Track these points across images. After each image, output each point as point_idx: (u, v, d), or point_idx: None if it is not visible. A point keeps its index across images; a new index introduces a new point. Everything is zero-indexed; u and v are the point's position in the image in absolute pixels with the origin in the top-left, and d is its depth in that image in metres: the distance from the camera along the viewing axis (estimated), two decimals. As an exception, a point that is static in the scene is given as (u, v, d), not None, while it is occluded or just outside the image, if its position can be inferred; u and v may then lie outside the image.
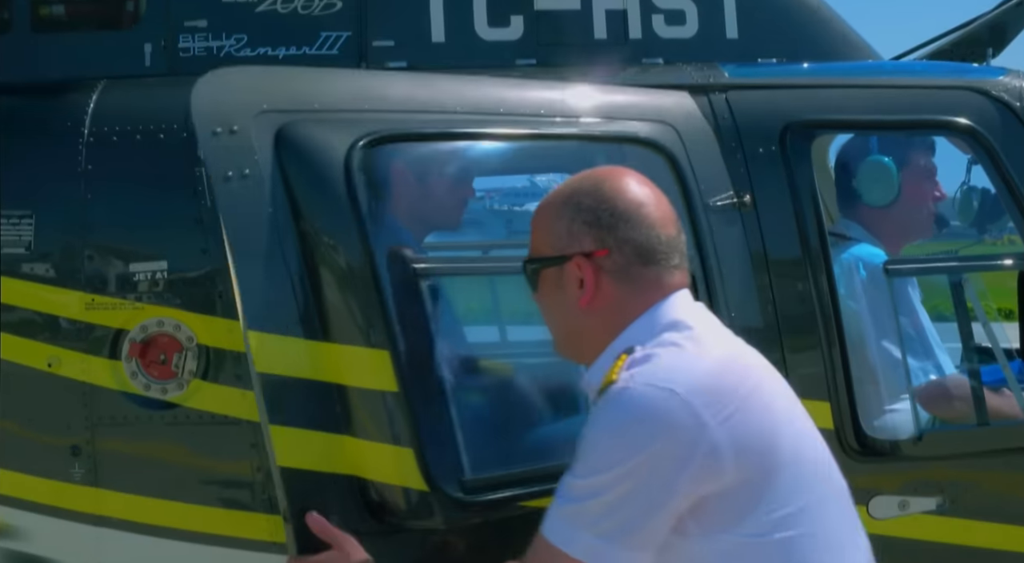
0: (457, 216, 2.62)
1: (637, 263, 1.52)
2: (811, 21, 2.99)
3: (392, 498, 2.14)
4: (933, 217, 2.91)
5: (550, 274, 1.56)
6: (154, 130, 2.55)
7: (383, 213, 2.33)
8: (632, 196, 1.54)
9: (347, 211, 2.14)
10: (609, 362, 1.50)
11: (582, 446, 1.48)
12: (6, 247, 2.51)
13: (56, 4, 2.91)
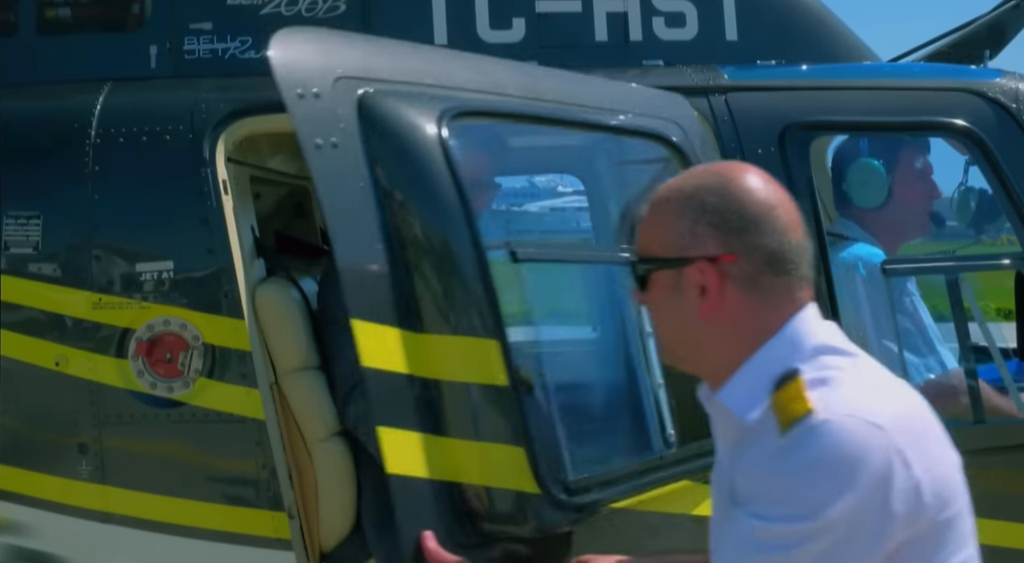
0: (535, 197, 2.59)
1: (767, 272, 1.36)
2: (810, 23, 3.01)
3: (496, 503, 1.94)
4: (927, 217, 2.92)
5: (665, 276, 1.40)
6: (160, 131, 2.58)
7: (479, 193, 2.21)
8: (762, 197, 1.38)
9: (451, 191, 1.96)
10: (763, 384, 1.33)
11: (776, 485, 1.28)
12: (14, 247, 2.54)
13: (62, 6, 2.94)
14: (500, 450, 1.92)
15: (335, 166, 1.91)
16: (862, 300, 2.68)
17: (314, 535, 2.57)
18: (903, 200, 2.85)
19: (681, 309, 1.39)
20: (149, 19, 2.85)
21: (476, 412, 1.93)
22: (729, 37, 2.92)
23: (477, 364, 1.92)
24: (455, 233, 1.96)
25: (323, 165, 1.89)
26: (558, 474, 2.01)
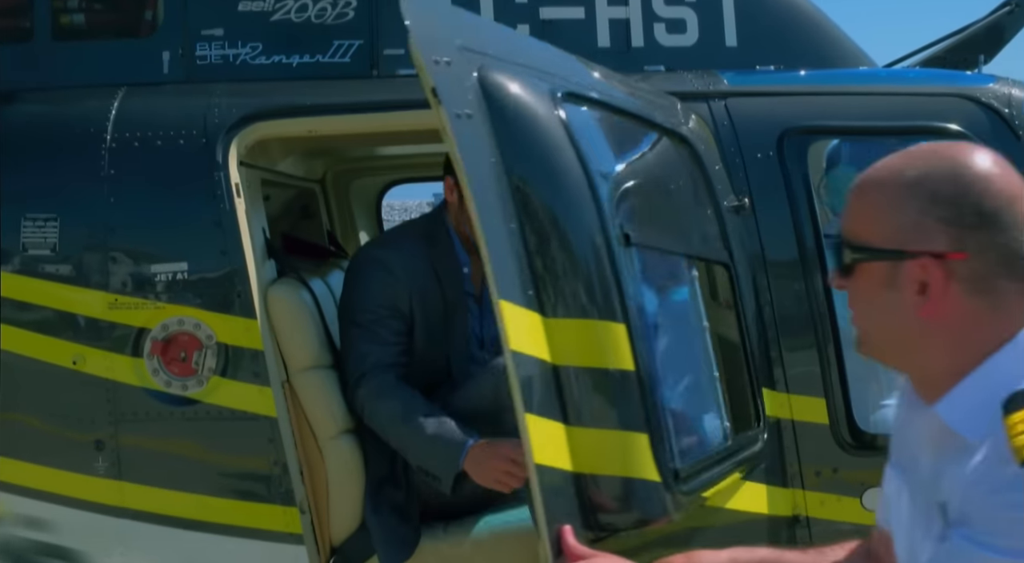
0: None
1: (1002, 274, 1.20)
2: (808, 29, 3.07)
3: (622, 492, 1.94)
4: None
5: (877, 268, 1.24)
6: (174, 136, 2.64)
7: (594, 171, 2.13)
8: (1002, 187, 1.21)
9: (577, 168, 1.97)
10: (990, 403, 1.19)
11: (1009, 516, 1.15)
12: (32, 249, 2.60)
13: (76, 13, 2.99)
14: (628, 437, 1.93)
15: (472, 140, 1.86)
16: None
17: (324, 529, 2.63)
18: None
19: (895, 305, 1.24)
20: (161, 25, 2.90)
21: (611, 398, 1.93)
22: (729, 43, 2.97)
23: (611, 349, 1.92)
24: (583, 215, 1.95)
25: (463, 138, 1.82)
26: (669, 461, 2.01)
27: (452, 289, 2.71)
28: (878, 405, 2.67)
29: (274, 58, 2.85)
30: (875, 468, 2.52)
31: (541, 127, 1.99)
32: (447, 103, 1.79)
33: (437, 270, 2.70)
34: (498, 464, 2.43)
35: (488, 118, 1.90)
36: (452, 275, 2.72)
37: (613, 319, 1.96)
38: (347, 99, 2.75)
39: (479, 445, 2.46)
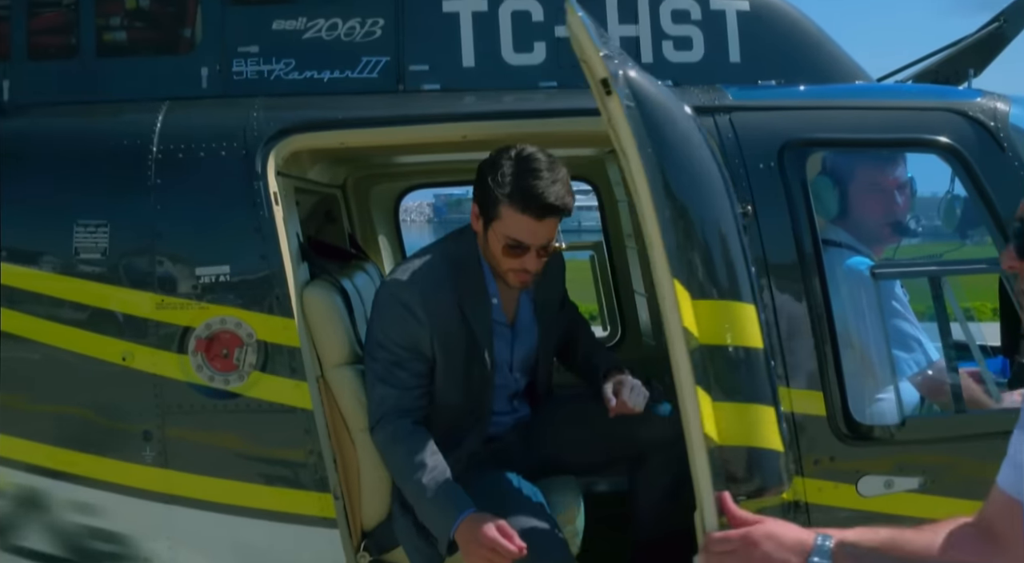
0: None
1: None
2: (807, 45, 3.23)
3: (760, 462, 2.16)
4: (889, 226, 3.12)
5: None
6: (216, 148, 2.82)
7: None
8: None
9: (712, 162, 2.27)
10: None
11: None
12: (84, 253, 2.78)
13: (118, 30, 3.16)
14: (759, 410, 2.16)
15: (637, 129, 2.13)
16: (851, 301, 2.91)
17: (356, 515, 2.81)
18: (862, 211, 3.07)
19: None
20: (200, 43, 3.07)
21: (744, 373, 2.16)
22: (733, 59, 3.14)
23: (744, 327, 2.16)
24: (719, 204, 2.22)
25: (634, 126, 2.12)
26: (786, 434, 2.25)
27: (479, 323, 2.73)
28: (872, 398, 2.84)
29: (306, 74, 3.03)
30: (869, 457, 2.75)
31: (682, 123, 2.26)
32: (620, 93, 2.08)
33: (463, 306, 2.70)
34: (480, 550, 2.44)
35: (640, 113, 2.15)
36: (480, 308, 2.73)
37: (745, 300, 2.20)
38: (376, 113, 2.94)
39: (467, 522, 2.49)
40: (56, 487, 2.81)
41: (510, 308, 2.85)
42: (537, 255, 2.68)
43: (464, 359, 2.73)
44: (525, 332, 2.89)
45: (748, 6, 3.18)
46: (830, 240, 2.99)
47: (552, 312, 2.96)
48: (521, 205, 2.59)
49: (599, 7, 3.11)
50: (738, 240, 2.24)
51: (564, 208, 2.63)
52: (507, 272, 2.72)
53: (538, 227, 2.62)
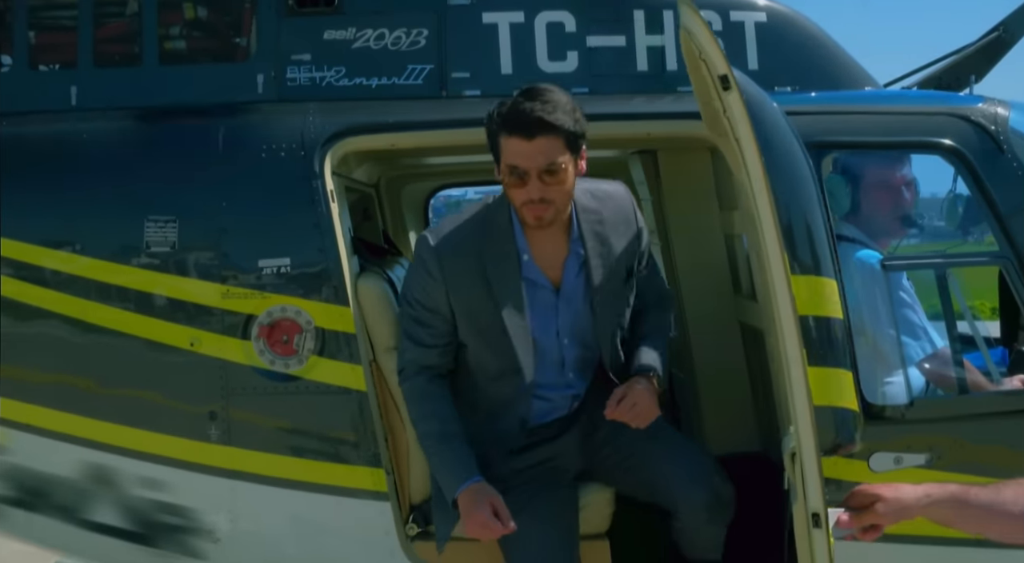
0: None
1: None
2: (819, 54, 3.45)
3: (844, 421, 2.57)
4: (898, 221, 3.35)
5: None
6: (276, 149, 3.04)
7: None
8: None
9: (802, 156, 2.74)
10: None
11: None
12: (154, 246, 3.00)
13: (178, 39, 3.38)
14: (840, 374, 2.59)
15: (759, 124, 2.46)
16: (863, 292, 3.14)
17: (405, 489, 3.03)
18: (872, 207, 3.30)
19: None
20: (256, 51, 3.29)
21: (830, 340, 2.58)
22: (751, 67, 3.34)
23: (829, 299, 2.58)
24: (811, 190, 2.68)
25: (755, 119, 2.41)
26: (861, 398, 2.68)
27: (503, 281, 2.68)
28: (883, 381, 3.07)
29: (356, 80, 3.24)
30: (880, 435, 2.97)
31: (779, 117, 2.69)
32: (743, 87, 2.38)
33: (485, 263, 2.68)
34: (473, 523, 2.60)
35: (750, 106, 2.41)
36: (504, 265, 2.69)
37: (828, 275, 2.62)
38: (422, 117, 3.16)
39: (469, 491, 2.61)
40: (126, 464, 3.03)
41: (554, 270, 2.76)
42: (541, 181, 2.57)
43: (491, 319, 2.69)
44: (573, 297, 2.77)
45: (765, 18, 3.40)
46: (842, 235, 3.21)
47: (615, 282, 2.79)
48: (510, 128, 2.55)
49: (627, 19, 3.34)
50: (822, 221, 2.62)
51: (553, 124, 2.53)
52: (522, 209, 2.64)
53: (530, 148, 2.54)
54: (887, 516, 1.90)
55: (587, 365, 2.88)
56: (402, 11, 3.26)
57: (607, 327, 2.82)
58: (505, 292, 2.70)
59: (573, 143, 2.60)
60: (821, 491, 2.20)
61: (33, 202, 3.08)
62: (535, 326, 2.74)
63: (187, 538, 3.08)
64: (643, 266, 2.92)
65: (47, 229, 3.05)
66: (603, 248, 2.77)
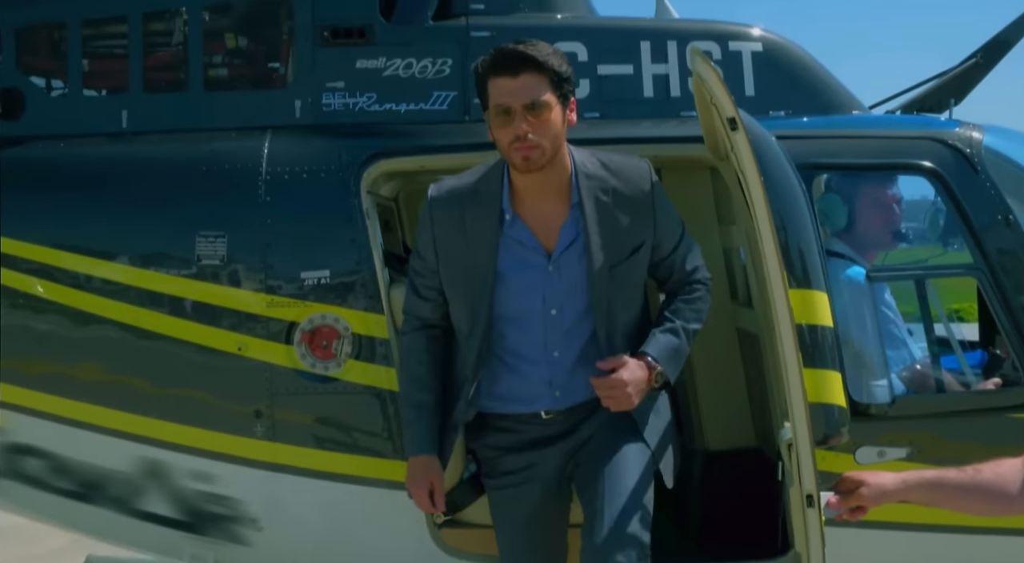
0: None
1: None
2: (810, 80, 3.73)
3: (832, 417, 2.88)
4: (889, 235, 3.67)
5: None
6: (316, 170, 3.33)
7: None
8: None
9: (797, 183, 3.13)
10: None
11: None
12: (205, 259, 3.28)
13: (221, 67, 3.66)
14: (830, 375, 2.90)
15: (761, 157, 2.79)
16: (850, 303, 3.44)
17: (434, 480, 3.30)
18: (865, 223, 3.62)
19: None
20: (293, 78, 3.57)
21: (822, 346, 2.94)
22: (748, 93, 3.61)
23: (821, 310, 2.94)
24: (805, 211, 3.04)
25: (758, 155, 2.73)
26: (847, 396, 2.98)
27: (480, 234, 2.58)
28: (867, 382, 3.37)
29: (386, 106, 3.52)
30: (865, 431, 3.27)
31: (779, 152, 3.03)
32: (748, 127, 2.72)
33: (465, 213, 2.62)
34: (413, 495, 2.73)
35: (754, 144, 2.73)
36: (484, 220, 2.59)
37: (820, 289, 2.97)
38: (448, 141, 3.44)
39: (415, 463, 2.71)
40: (177, 458, 3.31)
41: (548, 234, 2.62)
42: (526, 119, 2.50)
43: (464, 273, 2.62)
44: (567, 265, 2.62)
45: (760, 47, 3.69)
46: (831, 250, 3.51)
47: (616, 255, 2.61)
48: (496, 68, 2.53)
49: (635, 49, 3.63)
50: (814, 241, 2.95)
51: (537, 59, 2.50)
52: (510, 151, 2.54)
53: (515, 84, 2.49)
54: (870, 499, 2.20)
55: (575, 347, 2.64)
56: (428, 42, 3.55)
57: (603, 302, 2.61)
58: (480, 244, 2.60)
59: (558, 85, 2.52)
60: (814, 476, 2.51)
61: (91, 219, 3.35)
62: (516, 287, 2.60)
63: (232, 526, 3.35)
64: (667, 249, 2.73)
65: (105, 244, 3.32)
66: (605, 217, 2.61)
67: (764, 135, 3.02)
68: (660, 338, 2.67)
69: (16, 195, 3.38)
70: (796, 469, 2.55)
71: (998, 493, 2.12)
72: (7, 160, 3.44)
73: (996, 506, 2.15)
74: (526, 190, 2.62)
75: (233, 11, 3.65)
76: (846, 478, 2.23)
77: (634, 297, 2.71)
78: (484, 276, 2.58)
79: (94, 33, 3.64)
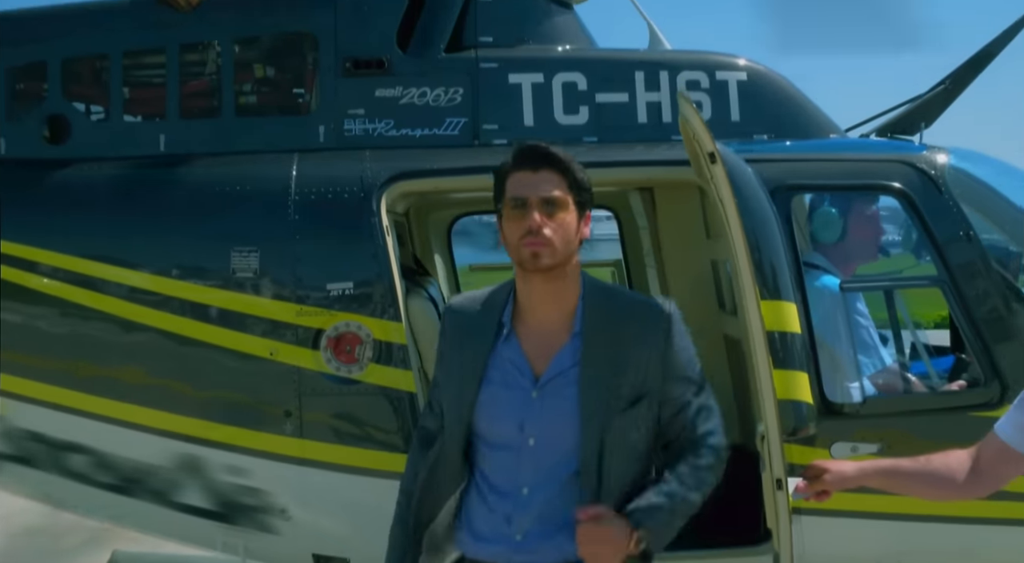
0: None
1: None
2: (791, 106, 4.07)
3: (801, 412, 3.26)
4: (873, 247, 4.02)
5: None
6: (340, 190, 3.65)
7: None
8: None
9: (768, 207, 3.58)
10: None
11: None
12: (239, 272, 3.60)
13: (250, 95, 3.99)
14: (801, 375, 3.29)
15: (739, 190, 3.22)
16: (825, 311, 3.76)
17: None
18: (853, 237, 3.95)
19: None
20: (318, 105, 3.90)
21: (791, 350, 3.32)
22: (734, 119, 3.96)
23: (791, 319, 3.35)
24: (777, 233, 3.46)
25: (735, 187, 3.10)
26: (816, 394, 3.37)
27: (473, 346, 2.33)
28: (842, 384, 3.70)
29: (403, 131, 3.85)
30: (840, 427, 3.59)
31: (754, 182, 3.43)
32: (725, 159, 3.04)
33: (468, 325, 2.38)
34: None
35: (731, 176, 3.10)
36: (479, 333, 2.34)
37: (789, 300, 3.33)
38: (460, 164, 3.76)
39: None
40: (213, 454, 3.62)
41: (541, 357, 2.31)
42: (540, 214, 2.27)
43: (455, 385, 2.35)
44: (553, 394, 2.28)
45: (745, 76, 4.03)
46: (811, 263, 3.84)
47: (614, 398, 2.26)
48: (517, 162, 2.34)
49: (629, 79, 3.96)
50: (784, 258, 3.33)
51: (559, 157, 2.32)
52: (520, 246, 2.28)
53: (534, 178, 2.30)
54: (832, 483, 2.52)
55: (550, 488, 2.27)
56: (441, 72, 3.88)
57: (593, 440, 2.25)
58: (471, 355, 2.34)
59: (577, 190, 2.33)
60: (783, 463, 2.84)
61: (134, 236, 3.67)
62: (495, 407, 2.30)
63: (262, 516, 3.67)
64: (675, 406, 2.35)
65: (147, 258, 3.64)
66: (607, 352, 2.30)
67: (741, 166, 3.38)
68: (653, 500, 2.25)
69: (65, 213, 3.70)
70: (768, 457, 2.87)
71: (946, 480, 2.43)
72: (55, 180, 3.76)
73: (944, 491, 2.46)
74: (531, 302, 2.35)
75: (262, 43, 3.97)
76: (812, 466, 2.56)
77: (631, 453, 2.30)
78: (468, 390, 2.31)
79: (134, 63, 3.96)
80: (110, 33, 3.91)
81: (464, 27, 3.94)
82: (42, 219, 3.71)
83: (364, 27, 3.87)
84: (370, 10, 3.88)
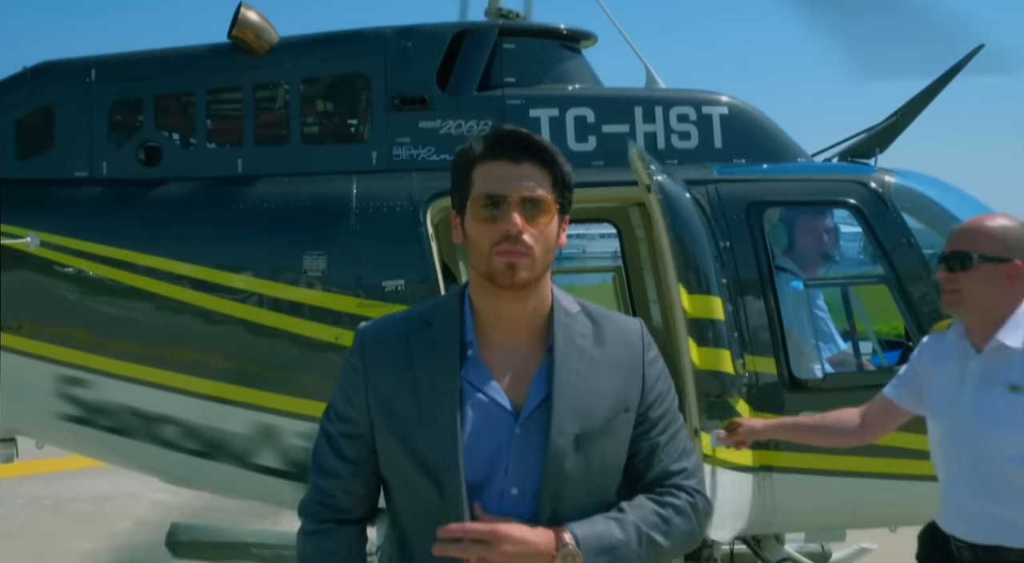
0: None
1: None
2: (764, 135, 4.88)
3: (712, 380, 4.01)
4: (822, 256, 4.80)
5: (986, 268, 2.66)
6: (393, 205, 4.43)
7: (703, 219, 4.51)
8: None
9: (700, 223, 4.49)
10: None
11: None
12: (310, 271, 4.36)
13: (313, 126, 4.78)
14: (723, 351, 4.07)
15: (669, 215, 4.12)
16: (792, 306, 4.56)
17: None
18: (803, 246, 4.75)
19: None
20: (370, 135, 4.69)
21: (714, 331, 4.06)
22: (717, 146, 4.75)
23: (715, 308, 4.03)
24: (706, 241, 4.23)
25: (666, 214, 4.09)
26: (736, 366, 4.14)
27: (432, 377, 1.89)
28: (806, 364, 4.48)
29: (442, 156, 4.63)
30: (804, 402, 4.37)
31: (686, 203, 4.16)
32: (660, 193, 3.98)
33: (413, 353, 1.92)
34: None
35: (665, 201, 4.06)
36: (438, 359, 1.90)
37: (715, 294, 4.06)
38: None
39: None
40: (287, 422, 4.37)
41: (516, 385, 1.92)
42: (521, 216, 1.87)
43: (414, 436, 1.89)
44: (534, 427, 1.90)
45: (727, 110, 4.84)
46: (780, 266, 4.63)
47: (587, 421, 1.91)
48: (494, 150, 1.91)
49: (629, 112, 4.75)
50: (711, 262, 4.06)
51: (547, 148, 1.92)
52: (491, 255, 1.87)
53: (516, 172, 1.89)
54: (745, 434, 3.31)
55: None
56: (474, 108, 4.67)
57: (555, 480, 1.89)
58: (432, 388, 1.90)
59: (561, 191, 1.95)
60: (699, 417, 3.77)
61: (221, 242, 4.43)
62: (474, 452, 1.87)
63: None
64: (648, 425, 2.00)
65: (232, 260, 4.39)
66: (582, 368, 1.94)
67: (679, 192, 4.25)
68: (599, 523, 1.88)
69: (159, 223, 4.47)
70: (688, 413, 3.73)
71: (837, 430, 3.19)
72: (150, 197, 4.53)
73: (834, 439, 3.23)
74: (496, 321, 1.95)
75: (323, 83, 4.76)
76: (732, 421, 3.37)
77: (601, 486, 1.95)
78: (446, 431, 1.86)
79: (215, 99, 4.73)
80: (196, 74, 4.68)
81: (492, 70, 4.74)
82: (141, 229, 4.47)
83: (409, 70, 4.66)
84: (414, 55, 4.67)
